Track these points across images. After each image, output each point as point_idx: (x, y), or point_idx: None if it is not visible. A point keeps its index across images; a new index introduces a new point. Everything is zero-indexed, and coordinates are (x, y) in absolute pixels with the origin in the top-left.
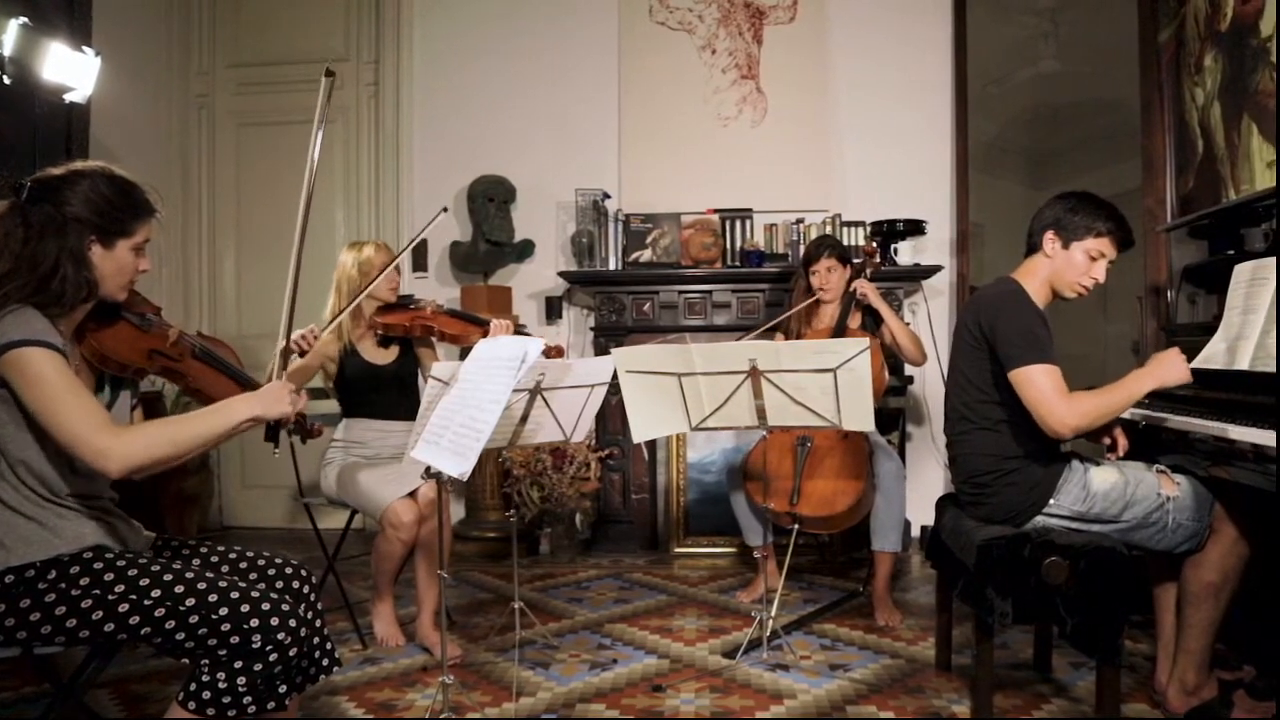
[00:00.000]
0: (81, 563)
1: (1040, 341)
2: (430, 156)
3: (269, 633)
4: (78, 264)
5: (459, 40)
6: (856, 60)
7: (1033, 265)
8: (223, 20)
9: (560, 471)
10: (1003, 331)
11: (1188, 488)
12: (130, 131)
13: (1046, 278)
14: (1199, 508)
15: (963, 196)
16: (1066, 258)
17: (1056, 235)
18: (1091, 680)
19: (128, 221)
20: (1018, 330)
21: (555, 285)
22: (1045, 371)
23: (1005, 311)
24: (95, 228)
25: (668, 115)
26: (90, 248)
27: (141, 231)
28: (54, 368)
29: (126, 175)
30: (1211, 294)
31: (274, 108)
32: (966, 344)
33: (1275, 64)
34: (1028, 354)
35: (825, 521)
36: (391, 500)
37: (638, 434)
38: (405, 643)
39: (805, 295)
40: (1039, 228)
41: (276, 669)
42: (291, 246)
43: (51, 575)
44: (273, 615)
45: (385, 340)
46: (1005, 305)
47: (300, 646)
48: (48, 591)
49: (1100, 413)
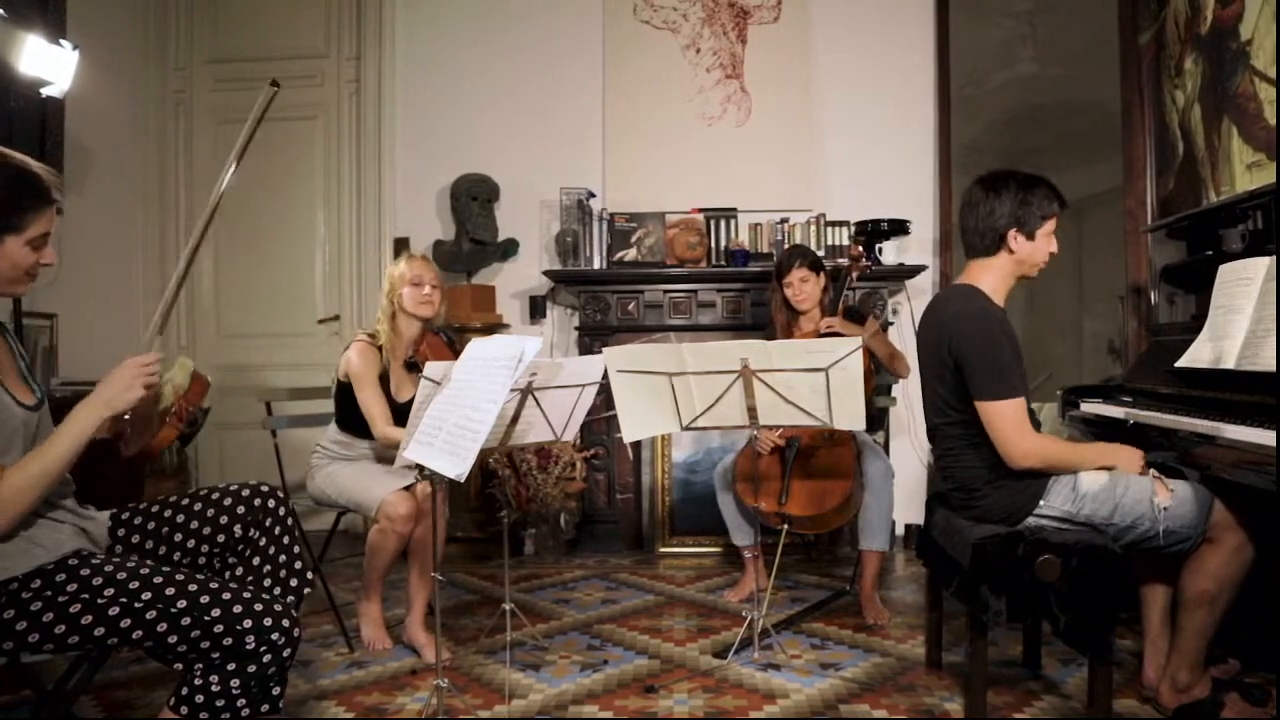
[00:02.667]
0: (67, 569)
1: (1009, 375)
2: (413, 154)
3: (263, 633)
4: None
5: (442, 37)
6: (840, 60)
7: (992, 264)
8: (200, 15)
9: (545, 472)
10: (973, 362)
11: (1185, 493)
12: (106, 128)
13: (1010, 271)
14: (1197, 513)
15: (946, 196)
16: (1032, 247)
17: (1019, 231)
18: (1080, 677)
19: (15, 216)
20: (989, 362)
21: (539, 284)
22: (1011, 407)
23: (975, 339)
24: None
25: (652, 114)
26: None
27: (35, 225)
28: None
29: (19, 161)
30: (1190, 294)
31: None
32: (937, 364)
33: (1276, 64)
34: (996, 387)
35: (814, 521)
36: (386, 493)
37: (628, 434)
38: (392, 645)
39: (783, 308)
40: (995, 228)
41: (270, 670)
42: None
43: (36, 584)
44: (265, 615)
45: (412, 365)
46: (975, 332)
47: (294, 647)
48: (33, 600)
49: (1055, 462)
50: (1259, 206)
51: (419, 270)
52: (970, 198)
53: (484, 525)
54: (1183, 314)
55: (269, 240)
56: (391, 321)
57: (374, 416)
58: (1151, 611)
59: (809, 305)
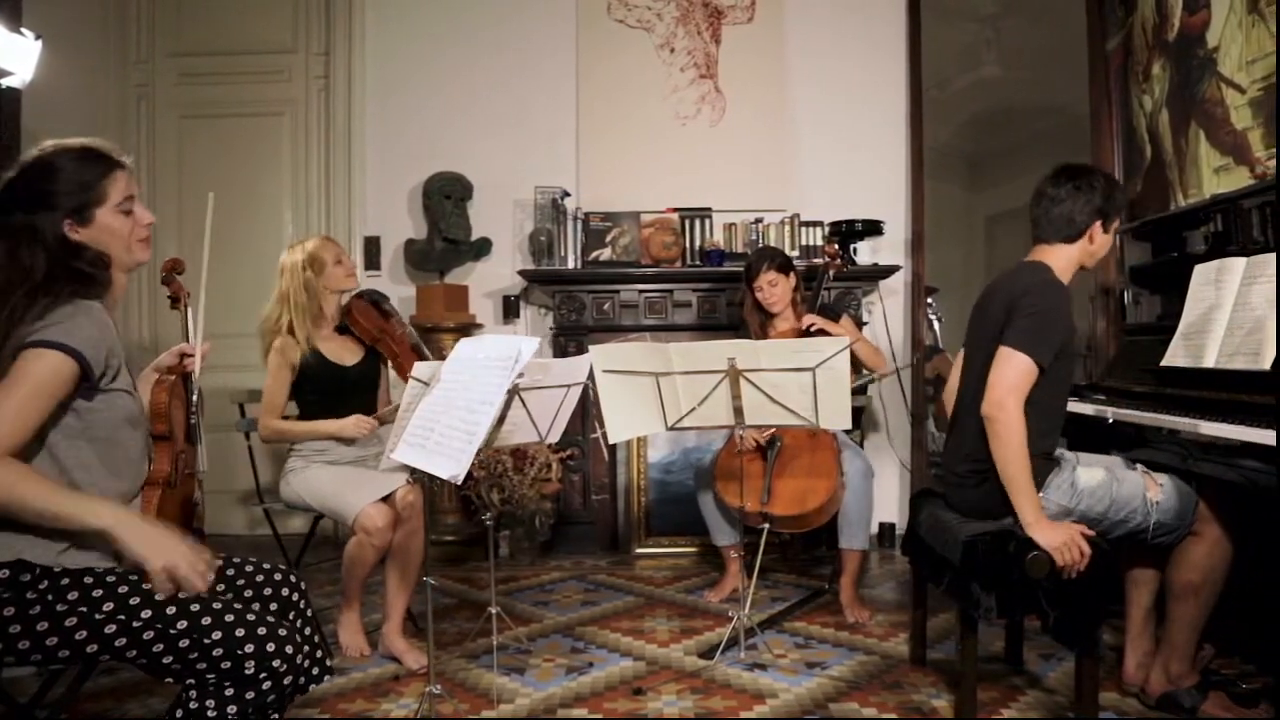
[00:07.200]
0: (71, 575)
1: (1045, 339)
2: (384, 152)
3: (264, 659)
4: (69, 251)
5: (413, 32)
6: (814, 61)
7: (1066, 251)
8: (163, 6)
9: (521, 473)
10: (1022, 309)
11: (1170, 488)
12: (64, 121)
13: (1079, 260)
14: (1181, 508)
15: (918, 197)
16: (1105, 239)
17: (1103, 223)
18: (1061, 671)
19: (94, 188)
20: (1037, 318)
21: (513, 284)
22: (1025, 363)
23: (1035, 295)
24: (67, 211)
25: (627, 113)
26: (74, 231)
27: (115, 191)
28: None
29: (75, 144)
30: (1155, 294)
31: (218, 100)
32: (991, 332)
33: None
34: (1025, 342)
35: (796, 520)
36: (364, 505)
37: (614, 435)
38: (371, 652)
39: (755, 310)
40: (1080, 219)
41: (269, 698)
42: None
43: (40, 583)
44: (269, 640)
45: (343, 328)
46: (1039, 291)
47: (296, 675)
48: (34, 603)
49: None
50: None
51: (336, 250)
52: (1051, 188)
53: (460, 528)
54: (1149, 314)
55: (235, 239)
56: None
57: (271, 405)
58: (1135, 608)
59: (780, 307)
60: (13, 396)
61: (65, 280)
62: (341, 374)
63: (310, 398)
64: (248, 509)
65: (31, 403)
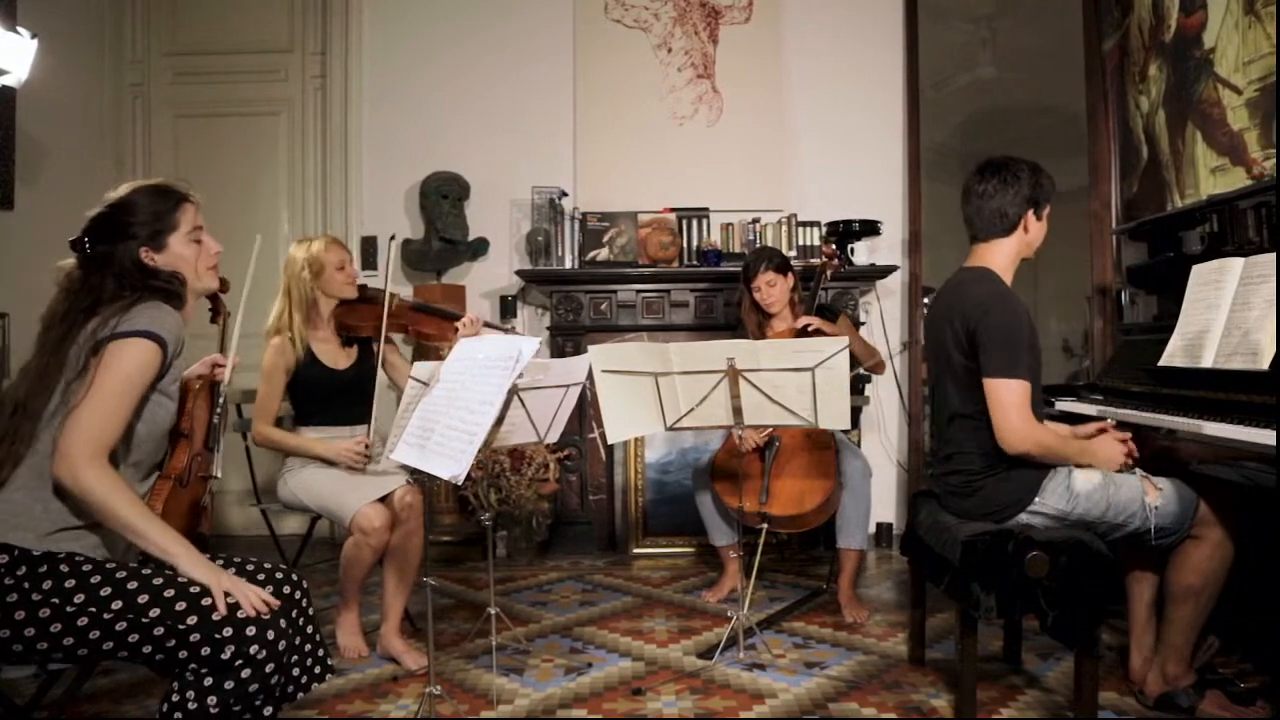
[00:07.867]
0: (49, 562)
1: (1020, 355)
2: (381, 152)
3: (242, 644)
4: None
5: (410, 32)
6: (811, 61)
7: (1003, 246)
8: (159, 5)
9: (518, 473)
10: (987, 337)
11: (1170, 491)
12: (59, 121)
13: (1019, 253)
14: (1181, 511)
15: (915, 197)
16: (1039, 227)
17: (1034, 212)
18: (1060, 671)
19: (166, 218)
20: (1003, 340)
21: (510, 284)
22: (1018, 387)
23: (993, 316)
24: (143, 239)
25: (624, 113)
26: (149, 256)
27: (184, 221)
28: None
29: (149, 183)
30: (1151, 294)
31: (214, 99)
32: (949, 343)
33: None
34: (1005, 367)
35: (794, 520)
36: (361, 505)
37: (613, 435)
38: (369, 653)
39: (753, 310)
40: (1015, 210)
41: (251, 687)
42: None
43: (18, 568)
44: (248, 625)
45: (348, 340)
46: (993, 309)
47: (279, 662)
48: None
49: (1048, 453)
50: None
51: (341, 254)
52: (978, 185)
53: (458, 528)
54: (1145, 314)
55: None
56: (311, 306)
57: (264, 410)
58: (1137, 606)
59: (778, 307)
60: (104, 396)
61: (146, 290)
62: (335, 377)
63: (301, 399)
64: (245, 509)
65: (122, 400)
